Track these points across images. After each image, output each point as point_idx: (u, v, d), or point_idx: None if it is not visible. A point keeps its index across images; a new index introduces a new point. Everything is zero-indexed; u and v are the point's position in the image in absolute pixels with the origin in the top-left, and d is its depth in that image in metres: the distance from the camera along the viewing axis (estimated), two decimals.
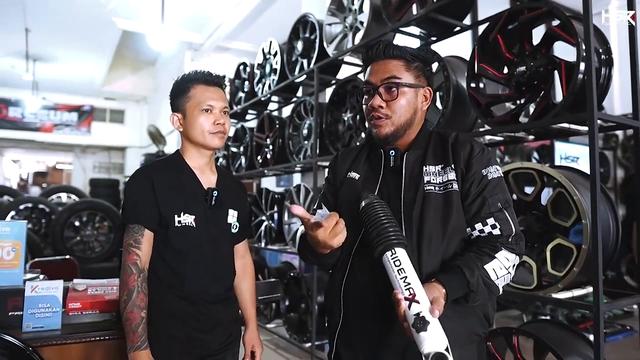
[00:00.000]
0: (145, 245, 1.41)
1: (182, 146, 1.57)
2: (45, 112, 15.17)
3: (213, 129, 1.49)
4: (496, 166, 1.21)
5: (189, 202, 1.47)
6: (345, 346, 1.23)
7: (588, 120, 1.79)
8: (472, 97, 2.29)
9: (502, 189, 1.18)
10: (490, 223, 1.14)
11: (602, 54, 2.01)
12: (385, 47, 1.23)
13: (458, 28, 2.83)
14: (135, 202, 1.43)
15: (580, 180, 2.06)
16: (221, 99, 1.53)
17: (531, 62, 2.07)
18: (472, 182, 1.16)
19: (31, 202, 6.32)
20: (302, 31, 3.95)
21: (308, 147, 3.85)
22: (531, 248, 2.13)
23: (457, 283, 1.04)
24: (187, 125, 1.51)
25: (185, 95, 1.50)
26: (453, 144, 1.22)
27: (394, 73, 1.21)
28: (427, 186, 1.18)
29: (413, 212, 1.16)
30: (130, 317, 1.32)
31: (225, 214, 1.56)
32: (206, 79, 1.52)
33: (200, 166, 1.55)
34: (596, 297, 1.73)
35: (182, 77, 1.55)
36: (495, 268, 1.09)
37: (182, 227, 1.43)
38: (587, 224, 1.84)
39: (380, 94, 1.21)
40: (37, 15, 8.75)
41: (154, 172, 1.47)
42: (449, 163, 1.19)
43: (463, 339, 1.15)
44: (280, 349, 4.15)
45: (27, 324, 1.51)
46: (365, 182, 1.27)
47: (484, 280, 1.07)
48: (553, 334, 2.02)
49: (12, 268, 1.64)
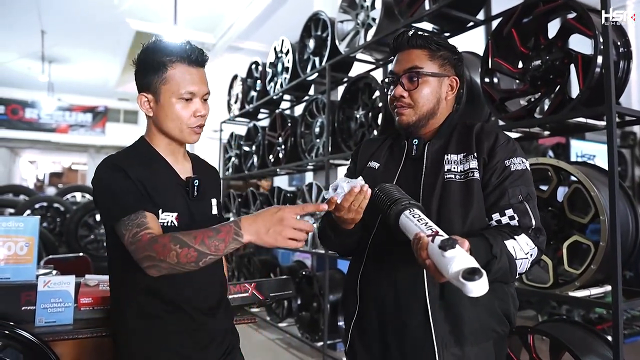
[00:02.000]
0: (152, 223, 1.13)
1: (150, 132, 1.30)
2: (61, 113, 15.38)
3: (192, 123, 1.23)
4: (522, 158, 1.17)
5: (167, 197, 1.22)
6: (360, 336, 1.22)
7: (606, 114, 1.75)
8: (486, 93, 2.26)
9: (525, 181, 1.14)
10: (509, 214, 1.11)
11: (621, 46, 1.97)
12: (409, 37, 1.22)
13: (471, 23, 2.79)
14: (115, 193, 1.16)
15: (598, 176, 2.01)
16: (203, 82, 1.24)
17: (547, 55, 2.03)
18: (494, 172, 1.14)
19: (46, 201, 6.40)
20: (314, 29, 3.94)
21: (320, 145, 3.83)
22: (547, 245, 2.08)
23: (481, 246, 1.00)
24: (160, 112, 1.23)
25: (160, 75, 1.20)
26: (478, 133, 1.20)
27: (416, 63, 1.20)
28: (448, 174, 1.16)
29: (432, 200, 1.14)
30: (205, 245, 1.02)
31: (209, 205, 1.35)
32: (189, 57, 1.21)
33: (174, 154, 1.30)
34: (615, 295, 1.68)
35: (155, 46, 1.24)
36: (515, 247, 1.05)
37: (163, 228, 1.18)
38: (605, 220, 1.79)
39: (402, 83, 1.21)
40: (52, 17, 8.87)
41: (124, 162, 1.20)
42: (472, 151, 1.17)
43: (479, 334, 1.12)
44: (292, 348, 4.14)
45: (39, 319, 1.51)
46: (385, 171, 1.27)
47: (506, 253, 1.03)
48: (570, 334, 1.97)
49: (25, 263, 1.65)
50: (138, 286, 1.21)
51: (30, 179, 19.41)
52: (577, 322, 2.19)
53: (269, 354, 4.04)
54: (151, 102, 1.24)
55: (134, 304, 1.21)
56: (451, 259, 0.83)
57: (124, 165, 1.19)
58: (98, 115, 15.98)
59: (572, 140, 5.33)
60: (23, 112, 14.98)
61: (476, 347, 1.12)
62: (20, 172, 18.55)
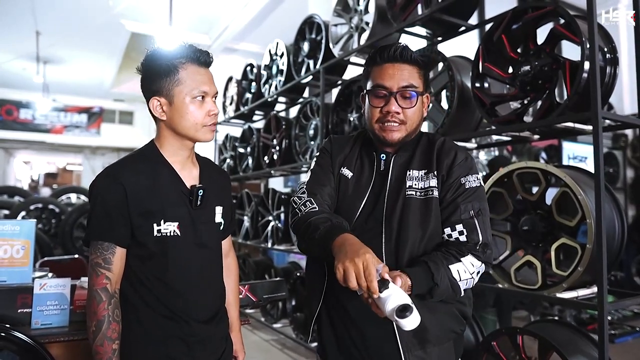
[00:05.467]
0: (117, 264, 1.19)
1: (161, 136, 1.29)
2: (56, 114, 15.33)
3: (208, 121, 1.25)
4: (476, 175, 1.23)
5: (169, 206, 1.23)
6: (327, 323, 1.27)
7: (592, 119, 1.79)
8: (476, 97, 2.29)
9: (477, 197, 1.20)
10: (459, 229, 1.17)
11: (607, 52, 2.01)
12: (402, 50, 1.22)
13: (463, 28, 2.82)
14: (103, 213, 1.19)
15: (585, 179, 2.05)
16: (212, 82, 1.28)
17: (535, 61, 2.07)
18: (449, 189, 1.19)
19: (41, 202, 6.39)
20: (309, 32, 3.96)
21: (314, 147, 3.86)
22: (536, 248, 2.12)
23: (423, 275, 1.07)
24: (174, 114, 1.24)
25: (172, 77, 1.22)
26: (439, 150, 1.25)
27: (411, 81, 1.22)
28: (409, 191, 1.21)
29: (393, 216, 1.19)
30: (101, 351, 1.14)
31: (213, 213, 1.35)
32: (198, 59, 1.24)
33: (181, 160, 1.30)
34: (600, 295, 1.72)
35: (159, 52, 1.25)
36: (459, 270, 1.11)
37: (163, 238, 1.21)
38: (592, 223, 1.83)
39: (396, 99, 1.21)
40: (47, 18, 8.84)
41: (125, 173, 1.22)
42: (432, 169, 1.22)
43: (440, 336, 1.18)
44: (287, 349, 4.16)
45: (35, 321, 1.53)
46: (357, 184, 1.28)
47: (449, 277, 1.09)
48: (558, 334, 2.01)
49: (21, 266, 1.68)
50: (132, 295, 1.23)
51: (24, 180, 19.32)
52: (566, 323, 2.23)
53: (263, 355, 4.05)
54: (164, 106, 1.24)
55: (128, 311, 1.22)
56: (386, 298, 0.92)
57: (124, 175, 1.21)
58: (93, 116, 15.94)
59: (564, 142, 5.37)
60: (18, 113, 14.92)
61: (437, 348, 1.18)
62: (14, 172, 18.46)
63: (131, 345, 1.21)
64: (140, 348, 1.22)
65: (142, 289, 1.22)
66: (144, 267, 1.23)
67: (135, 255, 1.23)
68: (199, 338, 1.26)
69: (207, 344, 1.28)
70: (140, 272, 1.23)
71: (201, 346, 1.26)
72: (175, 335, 1.23)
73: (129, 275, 1.23)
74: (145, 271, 1.23)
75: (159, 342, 1.22)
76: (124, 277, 1.23)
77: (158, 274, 1.22)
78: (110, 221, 1.19)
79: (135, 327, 1.22)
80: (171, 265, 1.23)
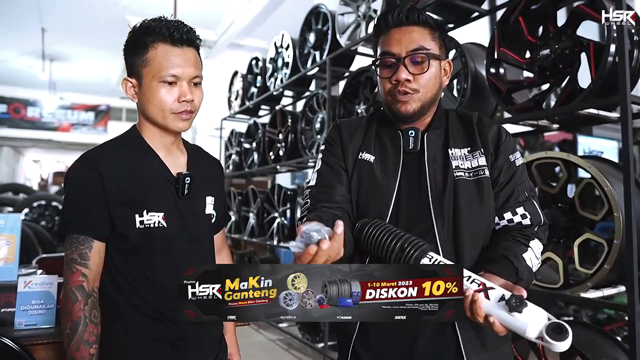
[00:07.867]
0: (94, 260, 1.08)
1: (139, 121, 1.19)
2: (63, 112, 15.34)
3: (177, 108, 1.11)
4: (518, 152, 1.14)
5: (153, 195, 1.12)
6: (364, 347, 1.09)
7: (621, 104, 1.66)
8: (492, 84, 2.17)
9: (526, 176, 1.13)
10: (520, 212, 1.08)
11: (635, 34, 1.87)
12: (408, 11, 1.07)
13: (476, 14, 2.70)
14: (78, 203, 1.09)
15: (611, 170, 1.91)
16: (191, 63, 1.12)
17: (556, 44, 1.94)
18: (502, 170, 1.09)
19: (44, 199, 6.33)
20: (315, 22, 3.86)
21: (321, 141, 3.75)
22: (557, 244, 1.99)
23: (507, 272, 0.98)
24: (142, 97, 1.13)
25: (141, 56, 1.10)
26: (478, 125, 1.12)
27: (421, 43, 1.06)
28: (457, 172, 1.07)
29: (444, 202, 1.05)
30: (77, 356, 1.04)
31: (203, 204, 1.23)
32: (171, 36, 1.10)
33: (166, 146, 1.19)
34: (631, 296, 1.59)
35: (142, 25, 1.13)
36: (531, 257, 1.04)
37: (147, 230, 1.10)
38: (620, 217, 1.70)
39: (405, 65, 1.06)
40: (52, 15, 8.82)
41: (103, 159, 1.10)
42: (477, 147, 1.09)
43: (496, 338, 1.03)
44: (293, 349, 4.07)
45: (19, 322, 1.44)
46: (383, 166, 1.11)
47: (527, 268, 1.02)
48: (581, 337, 1.88)
49: (6, 262, 1.58)
50: (114, 294, 1.12)
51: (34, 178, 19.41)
52: (589, 325, 2.09)
53: (269, 355, 3.96)
54: (135, 87, 1.14)
55: (110, 311, 1.12)
56: (527, 319, 0.80)
57: (101, 161, 1.10)
58: (100, 113, 15.94)
59: (579, 136, 5.21)
60: (25, 111, 14.94)
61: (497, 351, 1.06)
62: (24, 171, 18.55)
63: (112, 349, 1.10)
64: (123, 352, 1.11)
65: (126, 287, 1.11)
66: (127, 262, 1.11)
67: (117, 250, 1.12)
68: (188, 341, 1.14)
69: (198, 347, 1.17)
70: (123, 268, 1.11)
71: (191, 349, 1.15)
72: (162, 338, 1.12)
73: (111, 271, 1.12)
74: (129, 267, 1.11)
75: (144, 346, 1.11)
76: (106, 274, 1.12)
77: (143, 269, 1.11)
78: (86, 213, 1.08)
79: (117, 328, 1.11)
80: (157, 260, 1.12)
